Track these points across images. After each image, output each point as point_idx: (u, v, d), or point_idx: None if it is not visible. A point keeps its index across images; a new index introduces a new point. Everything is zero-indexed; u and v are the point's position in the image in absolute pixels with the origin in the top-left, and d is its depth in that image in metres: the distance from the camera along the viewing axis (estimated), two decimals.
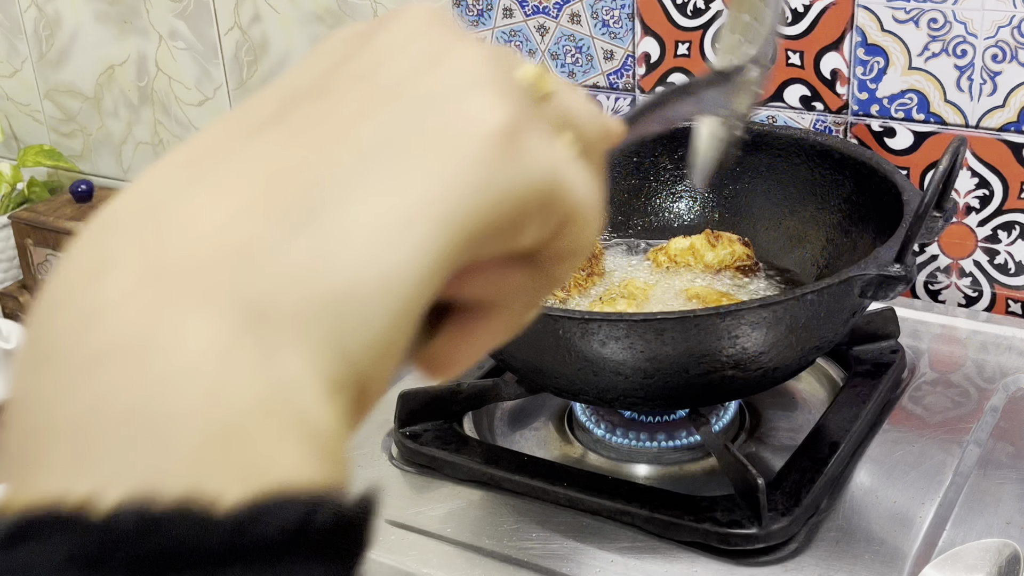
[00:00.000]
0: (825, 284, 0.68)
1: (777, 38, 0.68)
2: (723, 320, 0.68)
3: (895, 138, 1.01)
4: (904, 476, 0.77)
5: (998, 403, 0.85)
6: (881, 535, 0.72)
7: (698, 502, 0.73)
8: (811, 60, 1.02)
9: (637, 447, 0.83)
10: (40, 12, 1.50)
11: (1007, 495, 0.75)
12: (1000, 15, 0.93)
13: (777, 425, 0.86)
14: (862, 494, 0.76)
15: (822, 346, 0.75)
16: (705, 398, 0.76)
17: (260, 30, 1.33)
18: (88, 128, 1.54)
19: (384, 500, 0.79)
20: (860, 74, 1.00)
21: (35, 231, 1.24)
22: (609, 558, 0.71)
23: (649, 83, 1.10)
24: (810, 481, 0.74)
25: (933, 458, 0.79)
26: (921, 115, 0.99)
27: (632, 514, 0.73)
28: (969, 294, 1.03)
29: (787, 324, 0.70)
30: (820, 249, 0.89)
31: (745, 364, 0.71)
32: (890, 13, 0.97)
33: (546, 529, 0.74)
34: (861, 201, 0.85)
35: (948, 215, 0.76)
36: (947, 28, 0.95)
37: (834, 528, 0.73)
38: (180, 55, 1.41)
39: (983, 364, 0.91)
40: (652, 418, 0.84)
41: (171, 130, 1.46)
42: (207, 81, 1.40)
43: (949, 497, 0.75)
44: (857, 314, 0.75)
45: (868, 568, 0.69)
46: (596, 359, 0.71)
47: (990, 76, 0.95)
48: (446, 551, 0.73)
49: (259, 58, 1.35)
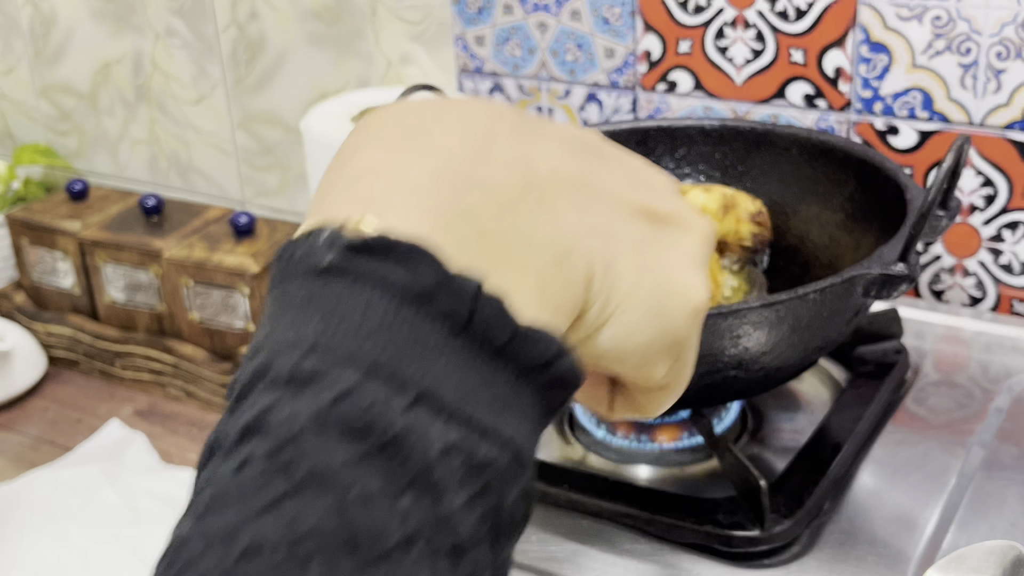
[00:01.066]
0: (828, 283, 0.68)
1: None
2: (725, 320, 0.67)
3: (899, 136, 1.00)
4: (908, 478, 0.77)
5: (1003, 404, 0.85)
6: (885, 537, 0.71)
7: (700, 504, 0.72)
8: (814, 58, 1.01)
9: (638, 448, 0.82)
10: (36, 9, 1.49)
11: (1012, 497, 0.75)
12: (1005, 12, 0.92)
13: (780, 426, 0.85)
14: (865, 496, 0.75)
15: (825, 346, 0.74)
16: (707, 399, 0.75)
17: (258, 27, 1.32)
18: (84, 126, 1.53)
19: None
20: (863, 72, 1.00)
21: (30, 230, 1.23)
22: (610, 560, 0.71)
23: (650, 81, 1.10)
24: (813, 483, 0.73)
25: (937, 460, 0.79)
26: (925, 113, 0.98)
27: (633, 516, 0.73)
28: (973, 294, 1.02)
29: (789, 324, 0.69)
30: (823, 248, 0.89)
31: (747, 364, 0.71)
32: (893, 10, 0.97)
33: (546, 532, 0.74)
34: (864, 200, 0.85)
35: (952, 214, 0.75)
36: (951, 25, 0.95)
37: (837, 530, 0.72)
38: (177, 53, 1.40)
39: (988, 365, 0.90)
40: (653, 419, 0.83)
41: (167, 128, 1.45)
42: (204, 79, 1.39)
43: (953, 499, 0.75)
44: (860, 314, 0.75)
45: (871, 570, 0.69)
46: None
47: (995, 74, 0.94)
48: None
49: (256, 55, 1.34)
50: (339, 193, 0.32)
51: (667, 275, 0.35)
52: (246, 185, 1.42)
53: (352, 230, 0.30)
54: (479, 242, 0.31)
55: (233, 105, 1.39)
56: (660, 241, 0.36)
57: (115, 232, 1.18)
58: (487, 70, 1.18)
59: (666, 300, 0.35)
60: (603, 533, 0.73)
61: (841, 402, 0.82)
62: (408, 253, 0.30)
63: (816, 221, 0.89)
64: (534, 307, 0.32)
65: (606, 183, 0.35)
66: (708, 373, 0.70)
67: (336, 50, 1.28)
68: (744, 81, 1.05)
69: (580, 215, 0.34)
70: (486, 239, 0.31)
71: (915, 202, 0.76)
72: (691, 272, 0.36)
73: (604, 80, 1.12)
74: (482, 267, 0.31)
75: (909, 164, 1.00)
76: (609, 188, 0.35)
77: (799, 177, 0.89)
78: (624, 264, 0.35)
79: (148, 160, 1.49)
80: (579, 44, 1.12)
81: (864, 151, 0.85)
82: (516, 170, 0.33)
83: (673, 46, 1.08)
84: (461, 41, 1.18)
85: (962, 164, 0.71)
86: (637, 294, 0.35)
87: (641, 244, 0.35)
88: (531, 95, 1.17)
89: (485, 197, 0.32)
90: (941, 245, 1.02)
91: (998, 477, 0.77)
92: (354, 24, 1.25)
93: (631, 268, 0.35)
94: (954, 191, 0.74)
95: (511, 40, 1.16)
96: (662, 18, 1.07)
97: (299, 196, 1.39)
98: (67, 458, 1.04)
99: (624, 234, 0.35)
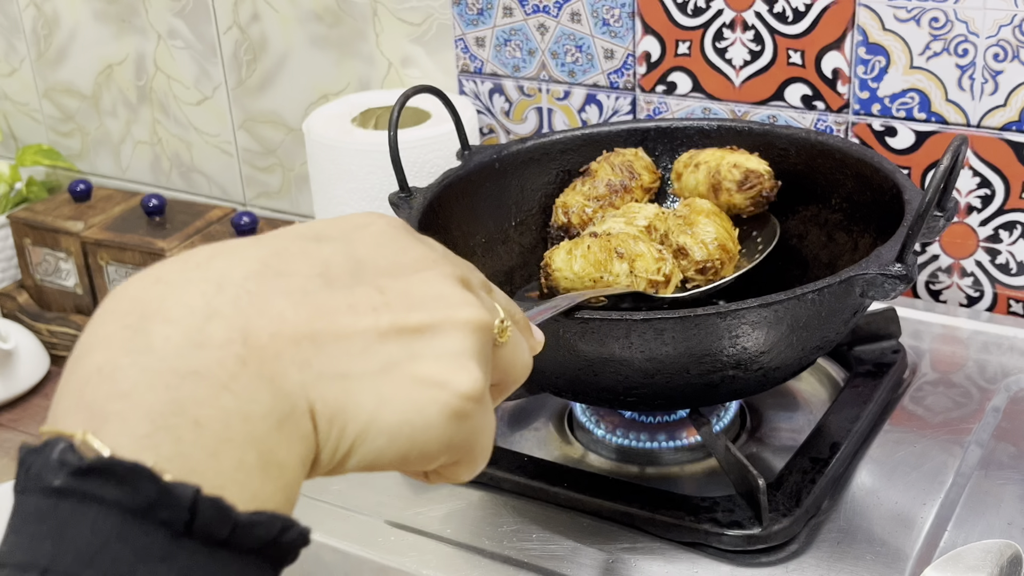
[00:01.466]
0: (826, 283, 0.68)
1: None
2: (724, 320, 0.67)
3: (896, 137, 1.01)
4: (905, 477, 0.77)
5: (1000, 403, 0.85)
6: (882, 536, 0.72)
7: (699, 503, 0.73)
8: (812, 59, 1.02)
9: (637, 447, 0.82)
10: (38, 11, 1.50)
11: (1009, 496, 0.75)
12: (1002, 14, 0.93)
13: (778, 425, 0.85)
14: (863, 495, 0.76)
15: (823, 346, 0.75)
16: (706, 398, 0.76)
17: (259, 29, 1.33)
18: (86, 127, 1.53)
19: (384, 502, 0.79)
20: (861, 73, 1.00)
21: (33, 231, 1.24)
22: (609, 559, 0.71)
23: (649, 82, 1.10)
24: (811, 482, 0.74)
25: (934, 459, 0.79)
26: (922, 114, 0.99)
27: (632, 515, 0.73)
28: (971, 294, 1.02)
29: (788, 324, 0.69)
30: (821, 248, 0.89)
31: (746, 364, 0.71)
32: (891, 12, 0.97)
33: (546, 530, 0.74)
34: (862, 200, 0.85)
35: (949, 214, 0.76)
36: (948, 27, 0.95)
37: (835, 529, 0.73)
38: (179, 54, 1.41)
39: (985, 364, 0.91)
40: (652, 418, 0.83)
41: (170, 129, 1.46)
42: (206, 80, 1.40)
43: (950, 498, 0.75)
44: (858, 314, 0.75)
45: (869, 569, 0.69)
46: (596, 359, 0.70)
47: (992, 75, 0.95)
48: (446, 552, 0.73)
49: (258, 57, 1.34)
50: (70, 399, 0.35)
51: (415, 391, 0.37)
52: (248, 186, 1.43)
53: (80, 445, 0.33)
54: (196, 432, 0.33)
55: (235, 106, 1.39)
56: (414, 353, 0.37)
57: (118, 232, 1.19)
58: (487, 71, 1.18)
59: (416, 416, 0.37)
60: (602, 531, 0.73)
61: (839, 401, 0.83)
62: (128, 472, 0.32)
63: (814, 221, 0.90)
64: (258, 481, 0.34)
65: (342, 321, 0.37)
66: (707, 373, 0.71)
67: (337, 51, 1.28)
68: (743, 82, 1.06)
69: (303, 371, 0.35)
70: (203, 428, 0.33)
71: (913, 203, 0.76)
72: (450, 371, 0.38)
73: (603, 81, 1.13)
74: (200, 458, 0.33)
75: (906, 165, 1.01)
76: (345, 326, 0.36)
77: (797, 178, 0.90)
78: (360, 399, 0.36)
79: (150, 161, 1.50)
80: (579, 46, 1.13)
81: (862, 152, 0.85)
82: (232, 349, 0.34)
83: (672, 47, 1.08)
84: (461, 42, 1.19)
85: (959, 165, 0.71)
86: (377, 423, 0.36)
87: (388, 367, 0.37)
88: (531, 96, 1.17)
89: (199, 386, 0.34)
90: (938, 245, 1.02)
91: (995, 476, 0.77)
92: (355, 26, 1.26)
93: (369, 400, 0.36)
94: (951, 192, 0.75)
95: (511, 42, 1.16)
96: (661, 20, 1.07)
97: (300, 197, 1.39)
98: None
99: (363, 366, 0.36)
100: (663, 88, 1.10)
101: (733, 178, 0.87)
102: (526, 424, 0.88)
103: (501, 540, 0.74)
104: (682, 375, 0.71)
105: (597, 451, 0.83)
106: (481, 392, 0.38)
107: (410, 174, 1.03)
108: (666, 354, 0.69)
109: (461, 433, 0.38)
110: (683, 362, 0.70)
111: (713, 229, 0.82)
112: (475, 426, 0.39)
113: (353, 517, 0.77)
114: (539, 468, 0.78)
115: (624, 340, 0.68)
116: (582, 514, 0.75)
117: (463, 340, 0.38)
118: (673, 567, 0.70)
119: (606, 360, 0.70)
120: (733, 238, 0.84)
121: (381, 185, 1.07)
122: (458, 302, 0.39)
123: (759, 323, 0.68)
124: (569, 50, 1.13)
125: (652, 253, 0.78)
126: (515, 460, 0.79)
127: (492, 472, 0.78)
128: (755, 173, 0.87)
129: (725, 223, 0.84)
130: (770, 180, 0.88)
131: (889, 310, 0.90)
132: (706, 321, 0.67)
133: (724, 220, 0.85)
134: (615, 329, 0.68)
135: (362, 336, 0.37)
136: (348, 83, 1.29)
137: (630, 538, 0.73)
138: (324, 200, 1.12)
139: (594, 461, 0.83)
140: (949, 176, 0.71)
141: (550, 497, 0.76)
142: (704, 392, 0.74)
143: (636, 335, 0.68)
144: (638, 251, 0.77)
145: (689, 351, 0.69)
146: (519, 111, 1.18)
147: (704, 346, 0.69)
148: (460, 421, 0.38)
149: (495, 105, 1.19)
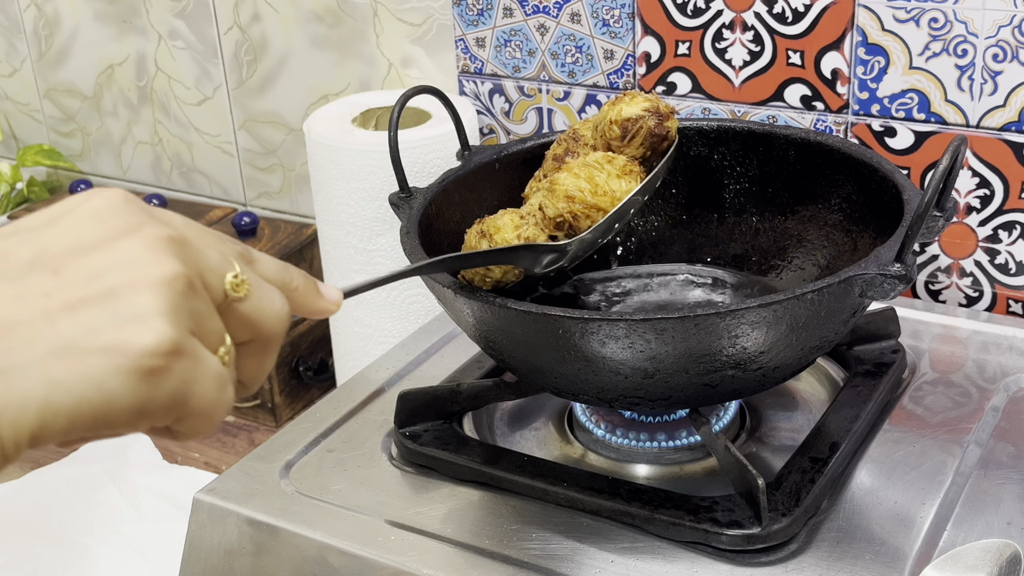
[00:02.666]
0: (825, 283, 0.68)
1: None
2: (723, 320, 0.68)
3: (896, 138, 1.01)
4: (905, 476, 0.77)
5: (999, 403, 0.85)
6: (882, 535, 0.72)
7: (698, 502, 0.73)
8: (811, 60, 1.02)
9: (637, 447, 0.82)
10: (39, 11, 1.50)
11: (1008, 495, 0.75)
12: (1001, 15, 0.93)
13: (777, 425, 0.85)
14: (863, 494, 0.76)
15: (822, 346, 0.75)
16: (705, 398, 0.76)
17: (260, 29, 1.33)
18: (87, 128, 1.54)
19: (384, 502, 0.79)
20: (861, 74, 1.00)
21: None
22: (609, 558, 0.71)
23: (649, 82, 1.10)
24: (811, 481, 0.74)
25: (934, 458, 0.79)
26: (922, 115, 0.99)
27: (632, 514, 0.73)
28: (970, 294, 1.03)
29: (787, 324, 0.69)
30: (820, 248, 0.89)
31: (745, 364, 0.71)
32: (891, 13, 0.97)
33: (546, 529, 0.74)
34: (861, 200, 0.85)
35: (948, 215, 0.76)
36: (948, 28, 0.95)
37: (835, 528, 0.73)
38: (180, 55, 1.41)
39: (984, 364, 0.91)
40: (652, 418, 0.84)
41: (170, 130, 1.46)
42: (207, 81, 1.40)
43: (950, 497, 0.75)
44: (857, 314, 0.75)
45: (868, 568, 0.69)
46: (596, 359, 0.70)
47: (991, 76, 0.95)
48: (446, 551, 0.73)
49: (259, 57, 1.35)
50: None
51: (90, 364, 0.37)
52: (248, 186, 1.43)
53: None
54: None
55: (235, 107, 1.39)
56: (92, 326, 0.37)
57: None
58: (487, 72, 1.19)
59: (93, 389, 0.37)
60: (602, 531, 0.74)
61: (839, 401, 0.83)
62: None
63: (814, 222, 0.90)
64: None
65: (3, 313, 0.37)
66: (706, 372, 0.71)
67: (338, 52, 1.28)
68: (742, 83, 1.06)
69: None
70: None
71: (912, 203, 0.76)
72: (126, 334, 0.37)
73: (603, 82, 1.13)
74: None
75: (906, 165, 1.01)
76: (6, 318, 0.37)
77: (797, 178, 0.90)
78: (26, 390, 0.36)
79: (151, 161, 1.50)
80: (579, 46, 1.13)
81: (861, 152, 0.85)
82: None
83: (672, 48, 1.08)
84: (462, 43, 1.19)
85: (958, 165, 0.71)
86: (53, 407, 0.36)
87: (61, 349, 0.37)
88: (531, 96, 1.17)
89: None
90: (938, 245, 1.03)
91: (994, 475, 0.77)
92: (355, 26, 1.26)
93: (38, 388, 0.36)
94: (950, 192, 0.75)
95: (511, 42, 1.16)
96: (661, 20, 1.08)
97: (301, 197, 1.39)
98: (70, 457, 1.05)
99: (27, 356, 0.36)
100: (663, 89, 1.10)
101: (614, 135, 0.80)
102: (526, 424, 0.88)
103: (501, 540, 0.74)
104: (682, 375, 0.71)
105: (597, 451, 0.84)
106: (172, 345, 0.38)
107: (410, 174, 1.04)
108: (666, 354, 0.69)
109: (160, 392, 0.38)
110: (683, 362, 0.70)
111: (566, 183, 0.77)
112: (180, 380, 0.38)
113: (353, 517, 0.77)
114: (539, 468, 0.78)
115: (624, 340, 0.68)
116: (582, 514, 0.75)
117: (149, 299, 0.38)
118: (673, 567, 0.70)
119: (606, 360, 0.70)
120: (594, 188, 0.77)
121: (381, 185, 1.08)
122: (147, 261, 0.39)
123: (758, 323, 0.68)
124: (569, 50, 1.14)
125: (513, 221, 0.77)
126: (515, 460, 0.79)
127: (492, 472, 0.78)
128: (631, 120, 0.80)
129: (587, 173, 0.78)
130: (652, 118, 0.80)
131: (888, 310, 0.90)
132: (705, 321, 0.67)
133: (589, 170, 0.78)
134: (615, 329, 0.68)
135: (28, 324, 0.37)
136: (348, 83, 1.29)
137: (630, 538, 0.73)
138: (324, 200, 1.12)
139: (594, 461, 0.83)
140: (948, 176, 0.71)
141: (550, 497, 0.76)
142: (703, 392, 0.74)
143: (636, 335, 0.68)
144: (497, 225, 0.77)
145: (688, 351, 0.69)
146: (519, 111, 1.19)
147: (703, 346, 0.69)
148: (152, 379, 0.38)
149: (495, 105, 1.20)
